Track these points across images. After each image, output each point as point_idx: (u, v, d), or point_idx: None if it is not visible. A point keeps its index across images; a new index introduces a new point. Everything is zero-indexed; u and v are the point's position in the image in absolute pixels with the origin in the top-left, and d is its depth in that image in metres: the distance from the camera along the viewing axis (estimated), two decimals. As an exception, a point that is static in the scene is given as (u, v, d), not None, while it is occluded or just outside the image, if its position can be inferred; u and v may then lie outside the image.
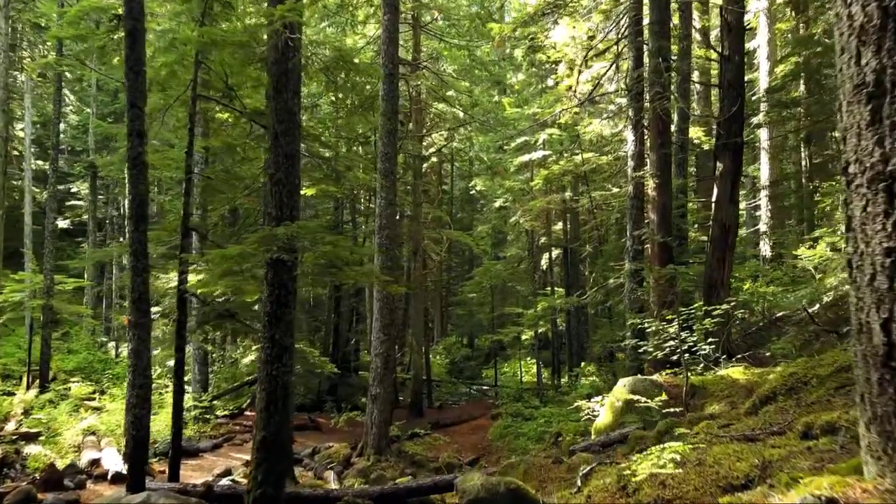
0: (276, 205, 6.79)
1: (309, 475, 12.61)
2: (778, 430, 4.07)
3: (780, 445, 3.46)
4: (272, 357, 6.67)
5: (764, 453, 3.30)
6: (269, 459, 6.49)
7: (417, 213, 21.09)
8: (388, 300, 14.02)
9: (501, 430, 17.61)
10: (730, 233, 11.93)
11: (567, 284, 25.18)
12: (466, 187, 38.57)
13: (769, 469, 3.01)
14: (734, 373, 8.32)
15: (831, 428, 3.36)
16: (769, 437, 3.94)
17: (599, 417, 8.83)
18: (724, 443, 3.94)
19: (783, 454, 3.22)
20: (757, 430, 4.25)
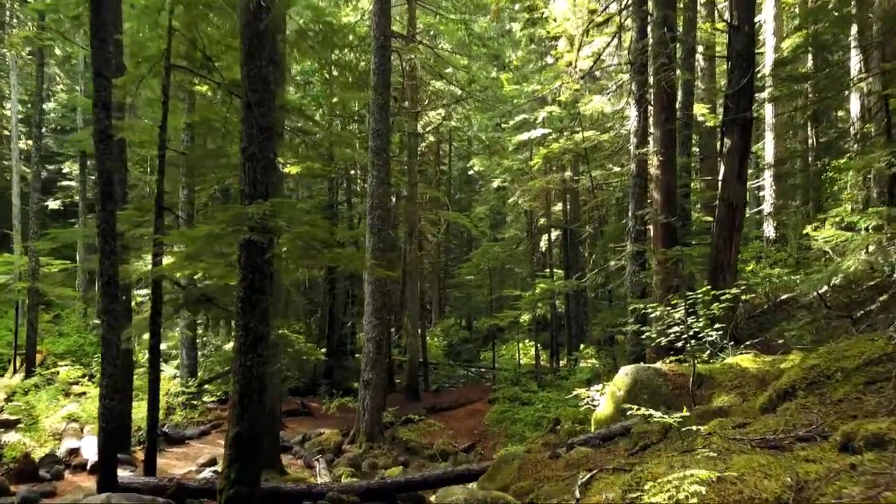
0: (248, 182, 6.24)
1: (298, 464, 12.18)
2: (806, 434, 3.57)
3: (814, 459, 2.95)
4: (246, 346, 6.16)
5: (797, 469, 2.80)
6: (243, 457, 6.00)
7: (413, 193, 20.51)
8: (381, 283, 13.51)
9: (498, 415, 17.20)
10: (737, 212, 11.37)
11: (566, 266, 24.67)
12: (465, 168, 37.90)
13: (806, 491, 2.51)
14: (743, 361, 7.82)
15: (878, 440, 2.86)
16: (796, 443, 3.43)
17: (600, 407, 8.35)
18: (744, 450, 3.43)
19: (821, 472, 2.71)
20: (780, 434, 3.75)
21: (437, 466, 12.57)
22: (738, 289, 7.85)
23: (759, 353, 8.18)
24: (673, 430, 6.03)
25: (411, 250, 20.46)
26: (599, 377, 16.06)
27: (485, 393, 20.32)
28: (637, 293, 12.06)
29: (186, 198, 16.04)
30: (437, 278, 36.73)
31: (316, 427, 15.75)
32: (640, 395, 7.68)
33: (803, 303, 14.82)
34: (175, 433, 13.03)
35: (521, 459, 6.83)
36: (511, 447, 12.78)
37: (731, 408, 6.09)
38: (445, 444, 14.23)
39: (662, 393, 7.55)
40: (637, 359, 11.86)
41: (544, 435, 14.88)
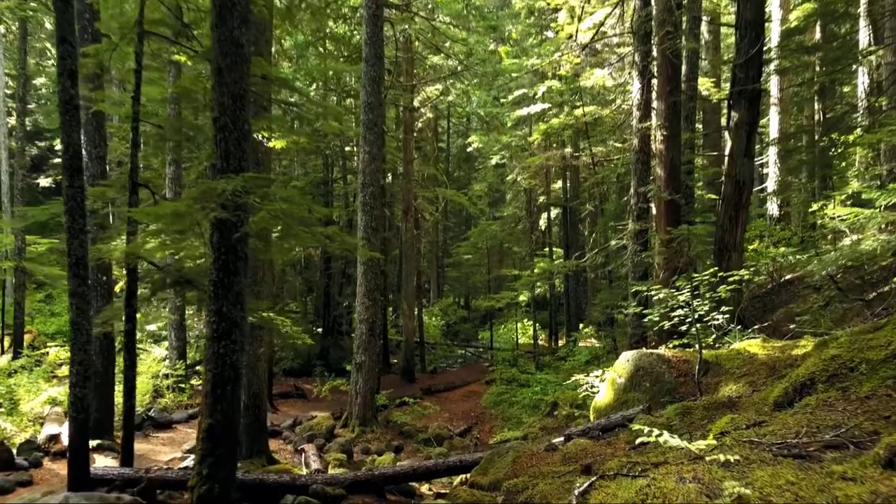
0: (220, 155, 5.74)
1: (288, 449, 11.83)
2: (834, 440, 3.13)
3: (853, 477, 2.51)
4: (219, 333, 5.71)
5: (833, 489, 2.37)
6: (216, 451, 5.59)
7: (408, 170, 19.98)
8: (374, 264, 13.05)
9: (495, 398, 16.87)
10: (744, 190, 10.88)
11: (566, 245, 24.22)
12: (464, 145, 37.27)
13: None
14: (751, 346, 7.38)
15: (935, 458, 2.44)
16: (825, 451, 3.00)
17: (599, 395, 7.94)
18: (765, 460, 2.99)
19: (864, 495, 2.28)
20: (803, 438, 3.31)
21: (431, 452, 12.23)
22: (746, 270, 7.39)
23: (767, 338, 7.75)
24: (678, 424, 5.62)
25: (407, 229, 19.97)
26: (599, 359, 15.71)
27: (482, 374, 19.98)
28: (638, 273, 11.62)
29: (174, 174, 15.53)
30: (435, 257, 36.29)
31: (309, 410, 15.42)
32: (642, 383, 7.27)
33: (810, 283, 14.39)
34: (162, 417, 12.66)
35: (515, 451, 6.43)
36: (507, 432, 12.45)
37: (742, 399, 5.66)
38: (440, 428, 13.89)
39: (665, 381, 7.14)
40: (638, 341, 11.46)
41: (542, 419, 14.57)
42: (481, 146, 28.56)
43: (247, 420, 10.08)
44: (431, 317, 33.23)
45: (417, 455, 12.44)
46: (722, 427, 4.12)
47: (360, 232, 13.05)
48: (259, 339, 10.03)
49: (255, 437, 10.11)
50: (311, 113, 9.05)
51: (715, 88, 18.44)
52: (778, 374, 6.18)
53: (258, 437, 10.17)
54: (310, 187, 23.61)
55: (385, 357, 21.13)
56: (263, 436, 10.34)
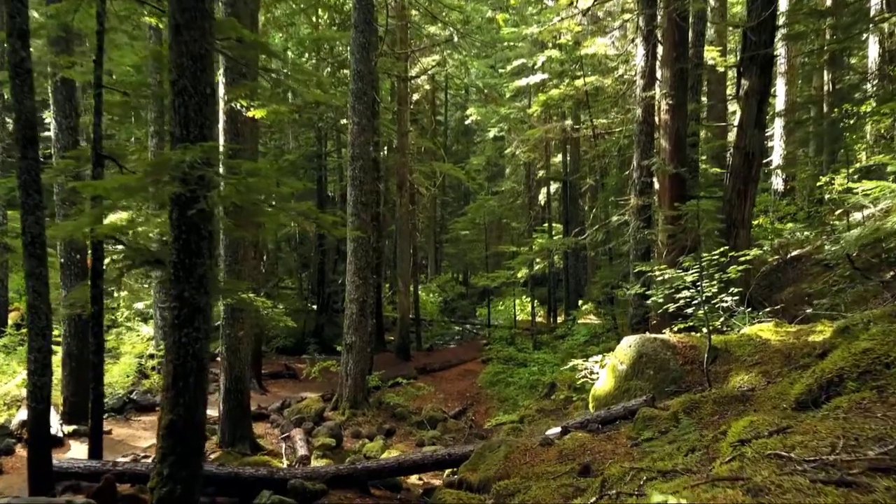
0: (179, 122, 5.15)
1: (275, 433, 11.39)
2: (882, 461, 2.60)
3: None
4: (181, 320, 5.17)
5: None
6: (178, 450, 5.09)
7: (403, 143, 19.30)
8: (364, 241, 12.49)
9: (492, 377, 16.44)
10: (754, 162, 10.29)
11: (565, 220, 23.62)
12: (462, 118, 36.46)
13: None
14: (763, 331, 6.87)
15: None
16: (874, 476, 2.48)
17: (599, 381, 7.44)
18: (799, 487, 2.47)
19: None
20: (842, 455, 2.78)
21: (423, 436, 11.79)
22: (758, 249, 6.83)
23: (780, 322, 7.23)
24: (686, 421, 5.11)
25: (402, 204, 19.37)
26: (598, 338, 15.24)
27: (479, 352, 19.52)
28: (640, 251, 11.07)
29: (157, 146, 14.87)
30: (432, 233, 35.73)
31: (300, 391, 14.97)
32: (646, 371, 6.77)
33: (819, 260, 13.85)
34: (144, 400, 12.21)
35: (507, 446, 5.94)
36: (503, 416, 12.01)
37: (756, 393, 5.15)
38: (434, 410, 13.45)
39: (671, 369, 6.63)
40: (639, 322, 10.95)
41: (539, 400, 14.13)
42: (479, 118, 27.85)
43: (229, 405, 9.63)
44: (429, 293, 32.75)
45: (410, 438, 12.01)
46: (740, 433, 3.60)
47: (350, 207, 12.47)
48: (240, 321, 9.51)
49: (237, 422, 9.66)
50: (292, 80, 8.42)
51: (721, 57, 17.71)
52: (794, 364, 5.67)
53: (240, 423, 9.71)
54: (301, 160, 22.95)
55: (380, 335, 20.68)
56: (247, 421, 9.88)
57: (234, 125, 9.45)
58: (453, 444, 11.99)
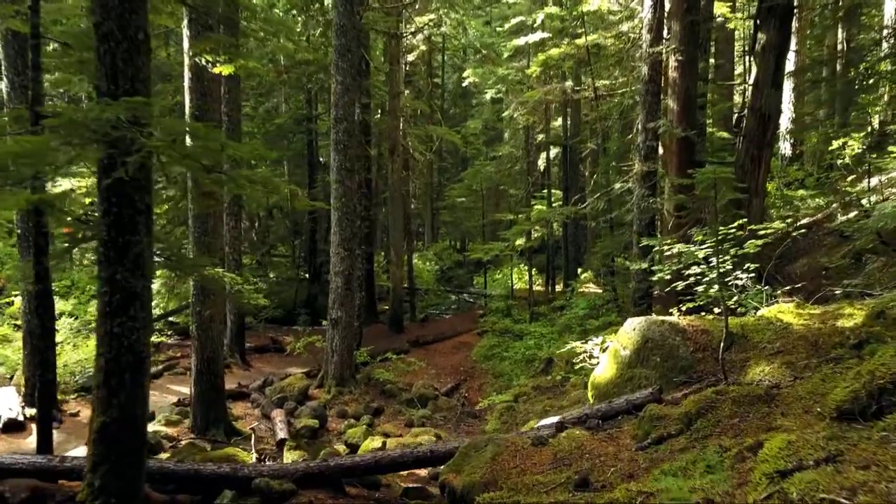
0: (106, 74, 4.33)
1: (255, 414, 10.77)
2: None
3: None
4: (113, 308, 4.43)
5: None
6: (112, 458, 4.40)
7: (395, 105, 18.35)
8: (349, 209, 11.70)
9: (487, 351, 15.81)
10: (769, 125, 9.46)
11: (565, 187, 22.77)
12: (460, 80, 35.30)
13: None
14: (784, 313, 6.14)
15: None
16: None
17: (599, 367, 6.74)
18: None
19: None
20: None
21: (413, 415, 11.19)
22: (782, 222, 6.05)
23: (801, 302, 6.50)
24: (700, 424, 4.41)
25: (394, 170, 18.51)
26: (598, 311, 14.55)
27: (474, 323, 18.87)
28: (645, 221, 10.29)
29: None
30: (429, 199, 34.91)
31: (286, 366, 14.36)
32: (652, 358, 6.06)
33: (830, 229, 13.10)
34: (118, 378, 11.56)
35: (495, 446, 5.25)
36: (497, 396, 11.37)
37: (783, 392, 4.43)
38: (425, 387, 12.84)
39: (680, 356, 5.92)
40: (643, 297, 10.24)
41: (535, 377, 13.51)
42: (476, 80, 26.77)
43: (200, 387, 8.97)
44: (425, 261, 32.05)
45: (398, 418, 11.42)
46: (776, 457, 2.88)
47: (334, 174, 11.66)
48: (212, 298, 8.79)
49: (210, 405, 9.01)
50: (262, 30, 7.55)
51: (731, 14, 16.70)
52: (824, 355, 4.95)
53: (214, 406, 9.07)
54: (290, 124, 22.00)
55: (371, 306, 20.03)
56: (221, 403, 9.24)
57: (201, 84, 8.60)
58: (444, 423, 11.42)
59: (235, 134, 13.58)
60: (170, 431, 8.91)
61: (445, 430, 10.97)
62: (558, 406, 10.47)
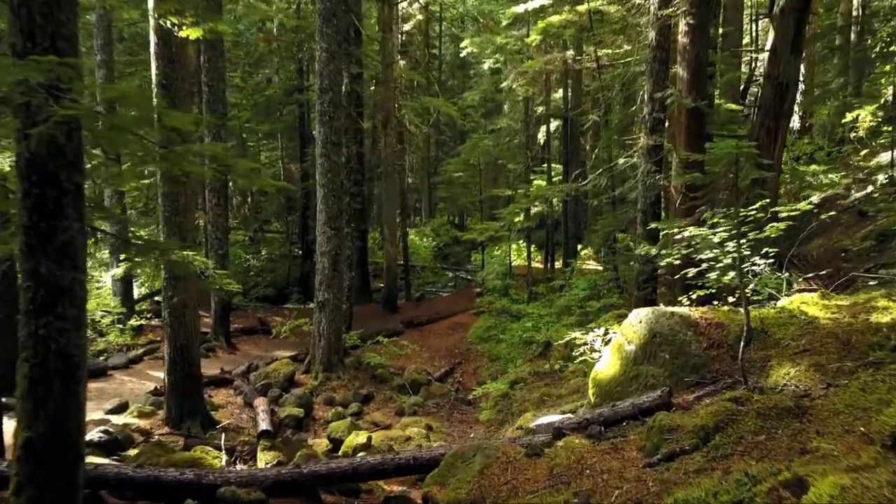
0: (21, 30, 3.64)
1: (237, 402, 10.22)
2: None
3: None
4: (37, 305, 3.80)
5: None
6: (40, 478, 3.80)
7: (388, 75, 17.53)
8: (335, 185, 11.02)
9: (483, 332, 15.25)
10: (787, 94, 8.75)
11: (565, 161, 22.02)
12: (458, 51, 34.27)
13: None
14: (808, 305, 5.52)
15: None
16: None
17: (601, 362, 6.13)
18: None
19: None
20: None
21: (404, 402, 10.64)
22: (808, 204, 5.40)
23: (826, 292, 5.87)
24: (720, 441, 3.80)
25: (387, 143, 17.76)
26: (599, 292, 13.95)
27: (471, 301, 18.29)
28: (650, 199, 9.62)
29: (105, 77, 13.20)
30: (426, 173, 34.17)
31: (273, 349, 13.79)
32: (660, 355, 5.44)
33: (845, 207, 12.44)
34: (93, 364, 10.94)
35: (484, 457, 4.66)
36: (492, 384, 10.80)
37: (815, 403, 3.82)
38: (418, 371, 12.28)
39: (691, 353, 5.30)
40: (647, 280, 9.61)
41: (533, 361, 12.96)
42: (475, 50, 25.86)
43: (174, 377, 8.39)
44: (422, 237, 31.39)
45: (389, 405, 10.87)
46: None
47: (319, 147, 10.95)
48: (185, 283, 8.16)
49: (185, 396, 8.43)
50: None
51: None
52: (860, 358, 4.33)
53: (190, 396, 8.49)
54: (280, 96, 21.17)
55: (365, 286, 19.44)
56: (197, 393, 8.66)
57: (168, 49, 7.86)
58: (436, 411, 10.87)
59: (218, 105, 12.85)
60: (142, 424, 8.35)
61: (438, 418, 10.44)
62: (556, 394, 9.92)
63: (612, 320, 10.84)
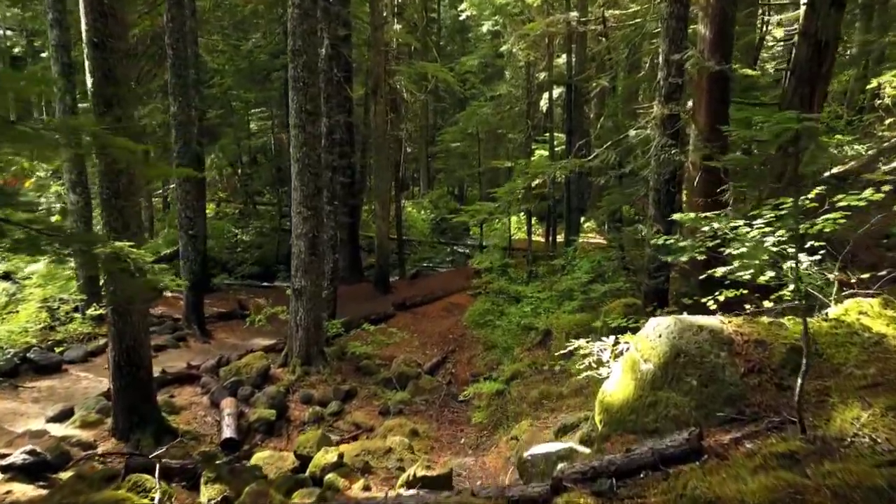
0: None
1: (202, 403, 9.22)
2: None
3: None
4: None
5: None
6: None
7: (378, 38, 16.21)
8: (314, 161, 9.87)
9: (479, 315, 14.21)
10: (827, 55, 7.54)
11: (568, 130, 20.70)
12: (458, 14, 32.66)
13: None
14: (868, 316, 4.44)
15: None
16: None
17: (612, 382, 5.07)
18: None
19: None
20: None
21: (389, 400, 9.64)
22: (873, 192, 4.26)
23: (889, 299, 4.76)
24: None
25: (377, 112, 16.50)
26: (603, 277, 12.84)
27: (468, 280, 17.24)
28: (665, 175, 8.45)
29: (58, 40, 11.92)
30: (424, 143, 32.88)
31: (252, 336, 12.76)
32: (685, 379, 4.38)
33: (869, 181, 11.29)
34: (46, 359, 9.96)
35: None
36: (486, 384, 9.76)
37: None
38: (407, 363, 11.30)
39: (726, 380, 4.23)
40: (659, 269, 8.52)
41: (531, 350, 11.94)
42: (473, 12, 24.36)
43: (120, 383, 7.39)
44: (420, 209, 30.25)
45: (372, 403, 9.89)
46: None
47: (292, 117, 9.78)
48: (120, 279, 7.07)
49: (134, 404, 7.44)
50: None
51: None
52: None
53: (140, 404, 7.50)
54: (265, 62, 19.81)
55: (356, 264, 18.39)
56: (148, 400, 7.65)
57: (100, 2, 6.66)
58: (425, 409, 9.87)
59: (183, 70, 11.62)
60: (85, 436, 7.36)
61: (426, 418, 9.47)
62: (556, 393, 8.93)
63: (618, 312, 9.78)
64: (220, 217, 25.55)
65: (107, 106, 6.88)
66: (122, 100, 7.01)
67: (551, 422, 7.48)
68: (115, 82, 6.91)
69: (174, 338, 11.87)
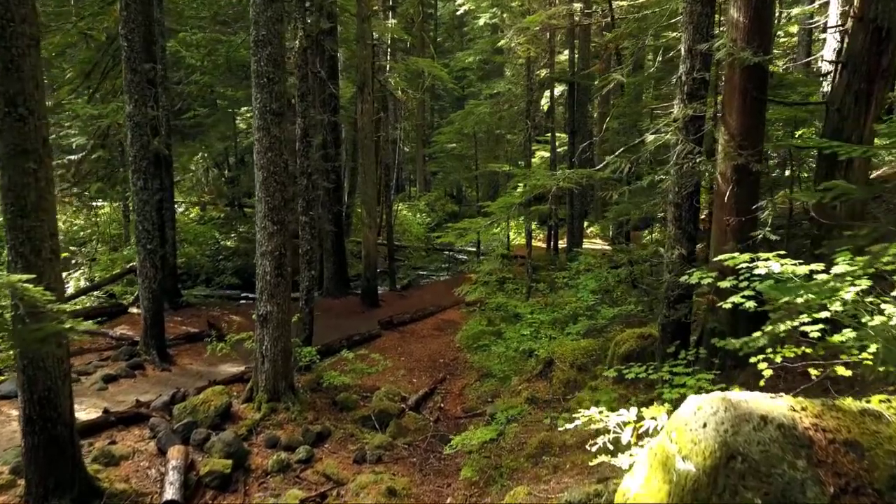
0: None
1: (149, 450, 7.91)
2: None
3: None
4: None
5: None
6: None
7: (364, 30, 14.91)
8: (279, 167, 8.58)
9: (474, 335, 12.90)
10: (888, 45, 6.24)
11: (571, 130, 19.47)
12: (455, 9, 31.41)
13: None
14: None
15: None
16: None
17: (636, 481, 3.75)
18: None
19: None
20: None
21: (368, 442, 8.34)
22: None
23: None
24: None
25: (364, 111, 15.21)
26: (610, 294, 11.56)
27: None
28: (687, 189, 7.16)
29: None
30: (420, 144, 31.66)
31: (219, 363, 11.50)
32: (744, 495, 3.07)
33: None
34: None
35: None
36: (477, 433, 8.43)
37: None
38: (390, 396, 10.03)
39: (806, 501, 2.93)
40: (681, 298, 7.22)
41: (531, 381, 10.65)
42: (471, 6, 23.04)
43: (32, 441, 6.09)
44: (416, 213, 29.00)
45: (347, 448, 8.58)
46: None
47: (256, 119, 8.48)
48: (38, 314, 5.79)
49: (50, 465, 6.14)
50: None
51: None
52: None
53: (56, 465, 6.19)
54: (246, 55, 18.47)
55: (342, 276, 17.08)
56: (67, 460, 6.33)
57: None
58: (408, 455, 8.57)
59: (138, 64, 10.33)
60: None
61: (408, 467, 8.17)
62: (560, 443, 7.63)
63: (631, 343, 8.51)
64: (203, 221, 24.29)
65: (9, 105, 5.61)
66: (29, 97, 5.73)
67: (553, 489, 6.20)
68: (20, 76, 5.63)
69: (129, 366, 10.58)
